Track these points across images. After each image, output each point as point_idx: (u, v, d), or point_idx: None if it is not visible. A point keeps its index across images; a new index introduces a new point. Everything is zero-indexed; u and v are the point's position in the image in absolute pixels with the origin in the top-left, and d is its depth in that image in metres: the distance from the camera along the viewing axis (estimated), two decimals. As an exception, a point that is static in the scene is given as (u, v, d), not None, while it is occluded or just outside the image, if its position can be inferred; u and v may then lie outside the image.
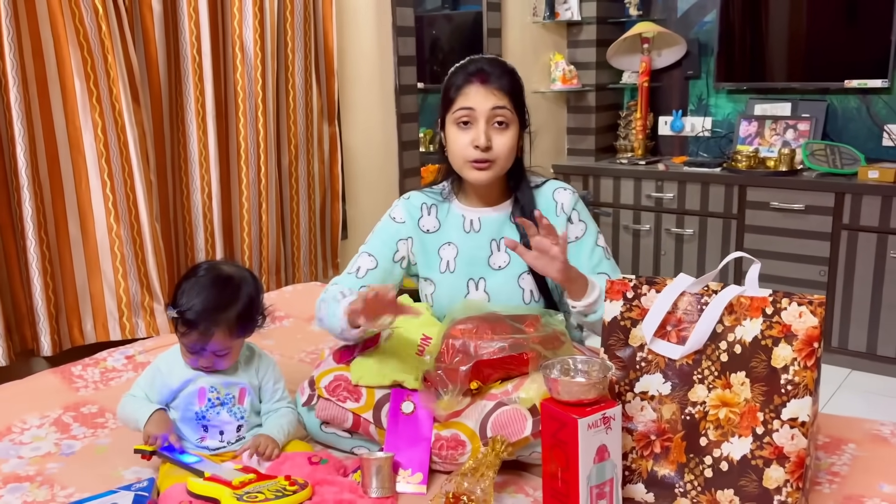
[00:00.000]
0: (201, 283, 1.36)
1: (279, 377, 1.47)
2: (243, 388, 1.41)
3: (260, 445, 1.34)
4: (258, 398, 1.45)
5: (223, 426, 1.39)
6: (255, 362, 1.45)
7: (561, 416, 1.12)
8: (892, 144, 3.40)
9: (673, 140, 4.03)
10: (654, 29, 3.69)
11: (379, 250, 1.63)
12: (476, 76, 1.51)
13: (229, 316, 1.34)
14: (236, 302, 1.36)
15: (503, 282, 1.58)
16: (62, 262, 2.09)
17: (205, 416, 1.38)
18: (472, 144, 1.50)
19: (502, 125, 1.51)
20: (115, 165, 2.10)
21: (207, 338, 1.33)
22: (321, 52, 2.70)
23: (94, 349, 2.02)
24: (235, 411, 1.40)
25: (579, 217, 1.62)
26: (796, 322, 1.12)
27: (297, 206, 2.68)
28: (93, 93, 2.04)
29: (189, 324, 1.33)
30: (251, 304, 1.39)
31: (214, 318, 1.32)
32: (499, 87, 1.51)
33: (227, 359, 1.39)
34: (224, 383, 1.40)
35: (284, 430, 1.40)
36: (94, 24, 2.00)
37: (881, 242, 3.08)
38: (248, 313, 1.38)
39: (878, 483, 1.25)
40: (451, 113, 1.53)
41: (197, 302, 1.33)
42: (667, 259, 3.67)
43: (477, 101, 1.49)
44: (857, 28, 3.37)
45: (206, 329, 1.32)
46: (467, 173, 1.54)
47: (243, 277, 1.41)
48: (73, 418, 1.61)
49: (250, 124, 2.44)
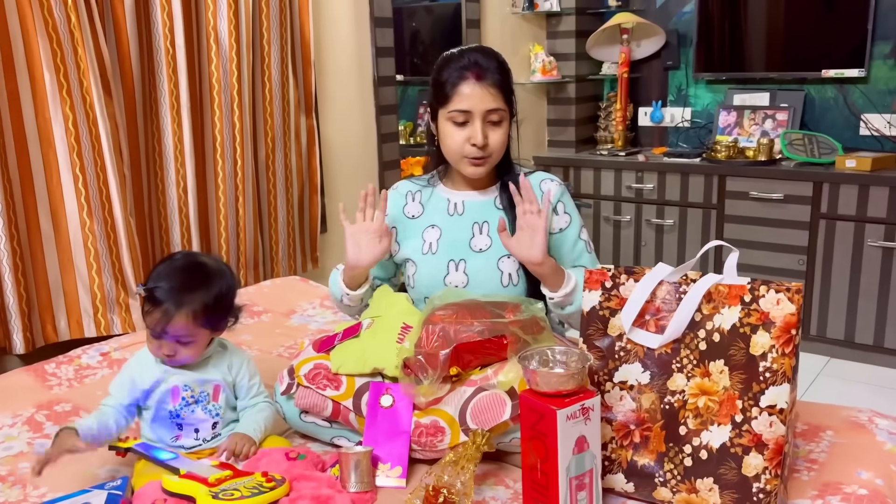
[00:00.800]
0: (174, 265, 1.36)
1: (254, 372, 1.46)
2: (217, 385, 1.39)
3: (236, 445, 1.33)
4: (233, 395, 1.43)
5: (198, 424, 1.37)
6: (228, 358, 1.43)
7: (540, 407, 1.11)
8: (868, 134, 3.42)
9: (653, 131, 4.03)
10: (633, 19, 3.69)
11: None
12: (471, 71, 1.51)
13: (194, 300, 1.31)
14: (205, 289, 1.33)
15: (483, 264, 1.58)
16: (34, 259, 2.05)
17: (179, 414, 1.36)
18: (470, 143, 1.52)
19: (497, 123, 1.54)
20: (88, 159, 2.06)
21: (168, 318, 1.30)
22: (297, 44, 2.67)
23: (68, 346, 1.99)
24: (210, 409, 1.38)
25: (564, 209, 1.63)
26: (774, 309, 1.12)
27: (275, 199, 2.65)
28: (63, 85, 2.00)
29: (154, 301, 1.31)
30: (221, 297, 1.36)
31: (179, 298, 1.30)
32: (493, 83, 1.52)
33: (191, 349, 1.35)
34: (197, 381, 1.38)
35: (261, 426, 1.39)
36: (64, 15, 1.96)
37: (858, 231, 3.10)
38: (216, 305, 1.35)
39: (856, 470, 1.26)
40: (447, 110, 1.53)
41: (165, 280, 1.31)
42: (647, 250, 3.68)
43: (473, 103, 1.51)
44: (833, 18, 3.39)
45: (168, 309, 1.29)
46: (464, 168, 1.57)
47: (219, 270, 1.39)
48: (46, 417, 1.58)
49: (226, 117, 2.41)
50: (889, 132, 3.37)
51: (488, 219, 1.61)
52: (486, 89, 1.51)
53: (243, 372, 1.43)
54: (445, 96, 1.53)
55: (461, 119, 1.52)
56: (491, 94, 1.51)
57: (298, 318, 2.17)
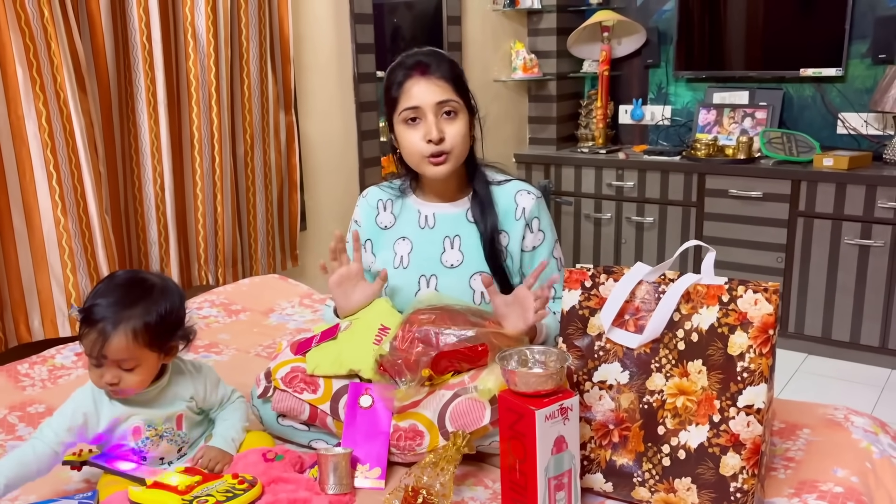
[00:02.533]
0: (114, 283, 1.24)
1: (216, 380, 1.37)
2: (180, 415, 1.30)
3: (209, 461, 1.27)
4: (197, 411, 1.34)
5: (164, 454, 1.30)
6: (190, 384, 1.32)
7: (518, 407, 1.11)
8: (845, 132, 3.46)
9: (633, 129, 4.05)
10: (613, 17, 3.70)
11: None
12: (415, 69, 1.49)
13: (133, 317, 1.19)
14: (145, 304, 1.21)
15: (455, 281, 1.55)
16: (6, 257, 2.02)
17: (142, 450, 1.27)
18: (425, 139, 1.48)
19: (451, 115, 1.50)
20: (62, 156, 2.03)
21: (105, 338, 1.17)
22: (276, 39, 2.64)
23: (42, 346, 1.95)
24: (176, 439, 1.30)
25: (539, 226, 1.59)
26: (752, 309, 1.12)
27: (254, 196, 2.63)
28: (36, 81, 1.96)
29: (90, 321, 1.18)
30: (166, 315, 1.23)
31: (116, 316, 1.17)
32: (440, 76, 1.49)
33: (137, 375, 1.21)
34: (161, 416, 1.27)
35: (238, 430, 1.35)
36: (37, 9, 1.93)
37: (835, 229, 3.14)
38: (160, 323, 1.22)
39: (832, 467, 1.27)
40: (398, 113, 1.51)
41: (102, 298, 1.20)
42: (627, 247, 3.69)
43: (421, 97, 1.48)
44: (812, 18, 3.42)
45: (103, 328, 1.17)
46: (425, 169, 1.52)
47: (165, 287, 1.27)
48: (18, 418, 1.55)
49: (204, 114, 2.38)
50: (866, 131, 3.40)
51: (460, 233, 1.57)
52: (432, 83, 1.48)
53: (209, 390, 1.34)
54: (394, 99, 1.50)
55: (412, 116, 1.49)
56: (439, 87, 1.48)
57: (277, 317, 2.15)
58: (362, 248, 1.62)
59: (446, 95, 1.49)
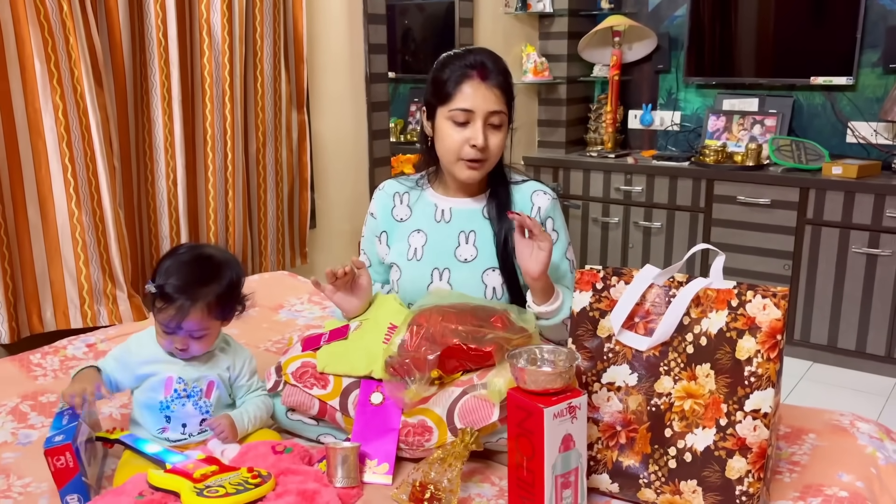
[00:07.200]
0: (182, 259, 1.34)
1: (254, 371, 1.45)
2: (212, 382, 1.38)
3: (219, 425, 1.32)
4: (228, 392, 1.41)
5: (186, 419, 1.36)
6: (230, 357, 1.42)
7: (527, 405, 1.12)
8: (855, 141, 3.46)
9: (642, 134, 4.05)
10: (625, 22, 3.71)
11: (369, 248, 1.70)
12: (475, 70, 1.49)
13: (208, 293, 1.31)
14: (217, 280, 1.33)
15: (468, 275, 1.57)
16: (21, 248, 2.04)
17: (168, 406, 1.35)
18: (469, 143, 1.49)
19: (497, 127, 1.52)
20: (77, 150, 2.05)
21: (184, 314, 1.29)
22: (290, 39, 2.66)
23: (54, 337, 1.97)
24: (201, 405, 1.37)
25: (553, 225, 1.61)
26: (760, 314, 1.13)
27: (265, 194, 2.65)
28: (53, 74, 1.98)
29: (167, 298, 1.29)
30: (232, 287, 1.35)
31: (193, 293, 1.29)
32: (497, 84, 1.50)
33: (204, 342, 1.35)
34: (192, 374, 1.36)
35: (251, 414, 1.38)
36: (56, 4, 1.95)
37: (843, 237, 3.14)
38: (228, 294, 1.35)
39: (837, 472, 1.28)
40: (448, 109, 1.50)
41: (176, 276, 1.30)
42: (634, 252, 3.70)
43: (477, 103, 1.48)
44: (823, 26, 3.42)
45: (182, 305, 1.28)
46: (458, 170, 1.54)
47: (226, 259, 1.38)
48: (30, 407, 1.57)
49: (217, 110, 2.40)
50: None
51: (475, 228, 1.59)
52: (490, 90, 1.49)
53: (244, 371, 1.42)
54: (447, 94, 1.50)
55: (462, 119, 1.49)
56: (494, 96, 1.49)
57: (286, 313, 2.17)
58: (378, 238, 1.67)
59: (498, 106, 1.50)
